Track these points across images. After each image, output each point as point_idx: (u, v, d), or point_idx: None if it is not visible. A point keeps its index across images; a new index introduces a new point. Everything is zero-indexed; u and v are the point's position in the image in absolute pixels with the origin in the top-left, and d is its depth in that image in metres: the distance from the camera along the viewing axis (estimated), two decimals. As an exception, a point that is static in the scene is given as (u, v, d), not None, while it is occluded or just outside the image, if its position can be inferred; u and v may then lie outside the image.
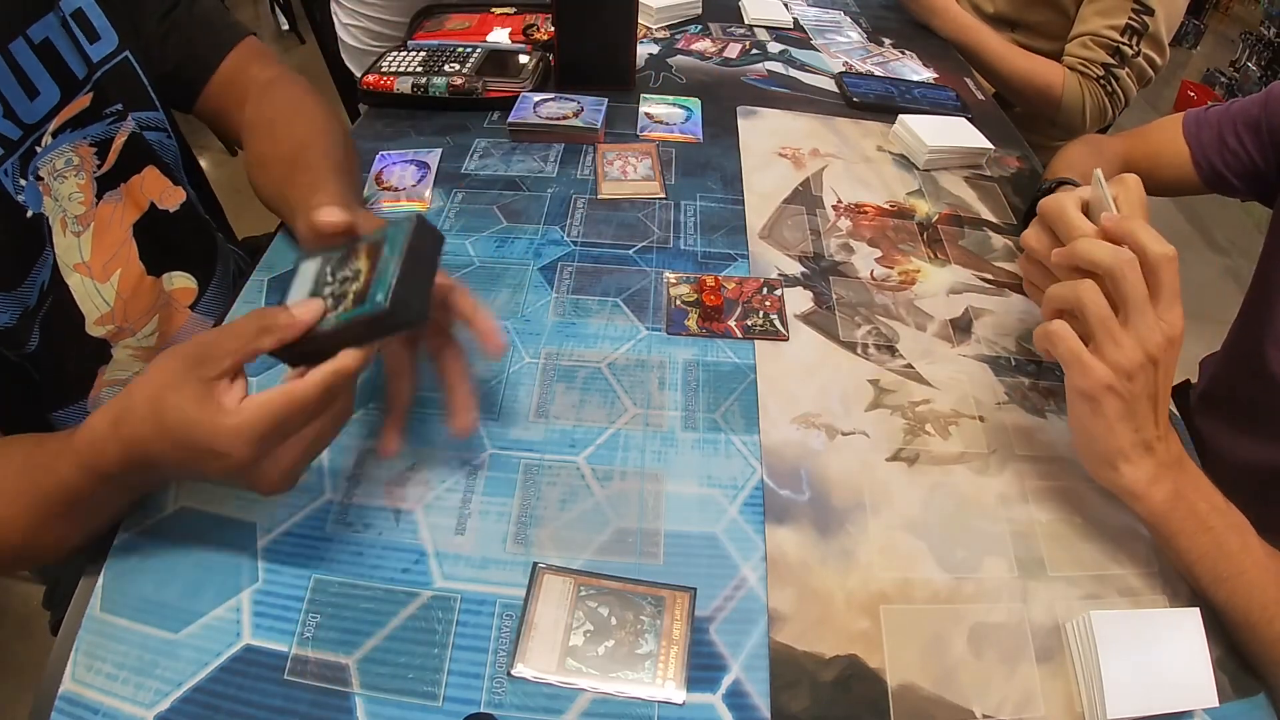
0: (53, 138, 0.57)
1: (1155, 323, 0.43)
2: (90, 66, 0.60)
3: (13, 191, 0.53)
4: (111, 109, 0.62)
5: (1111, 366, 0.43)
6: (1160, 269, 0.43)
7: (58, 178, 0.58)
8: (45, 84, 0.56)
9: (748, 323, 0.61)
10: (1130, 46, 1.05)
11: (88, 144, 0.60)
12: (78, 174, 0.59)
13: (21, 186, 0.54)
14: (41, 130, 0.56)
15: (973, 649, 0.43)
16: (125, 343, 0.64)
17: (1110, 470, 0.45)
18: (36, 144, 0.56)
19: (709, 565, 0.45)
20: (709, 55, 1.05)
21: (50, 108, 0.56)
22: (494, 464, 0.50)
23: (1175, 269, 0.43)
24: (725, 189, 0.76)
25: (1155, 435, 0.44)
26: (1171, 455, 0.45)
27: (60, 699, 0.39)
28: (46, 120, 0.56)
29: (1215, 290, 2.13)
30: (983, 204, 0.78)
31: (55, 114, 0.57)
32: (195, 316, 0.71)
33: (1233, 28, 3.51)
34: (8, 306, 0.54)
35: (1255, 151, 0.68)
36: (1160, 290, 0.43)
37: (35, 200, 0.56)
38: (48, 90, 0.56)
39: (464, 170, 0.77)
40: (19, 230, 0.54)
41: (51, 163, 0.57)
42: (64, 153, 0.58)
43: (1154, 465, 0.44)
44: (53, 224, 0.57)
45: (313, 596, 0.43)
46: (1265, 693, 0.43)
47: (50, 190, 0.57)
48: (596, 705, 0.40)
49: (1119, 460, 0.44)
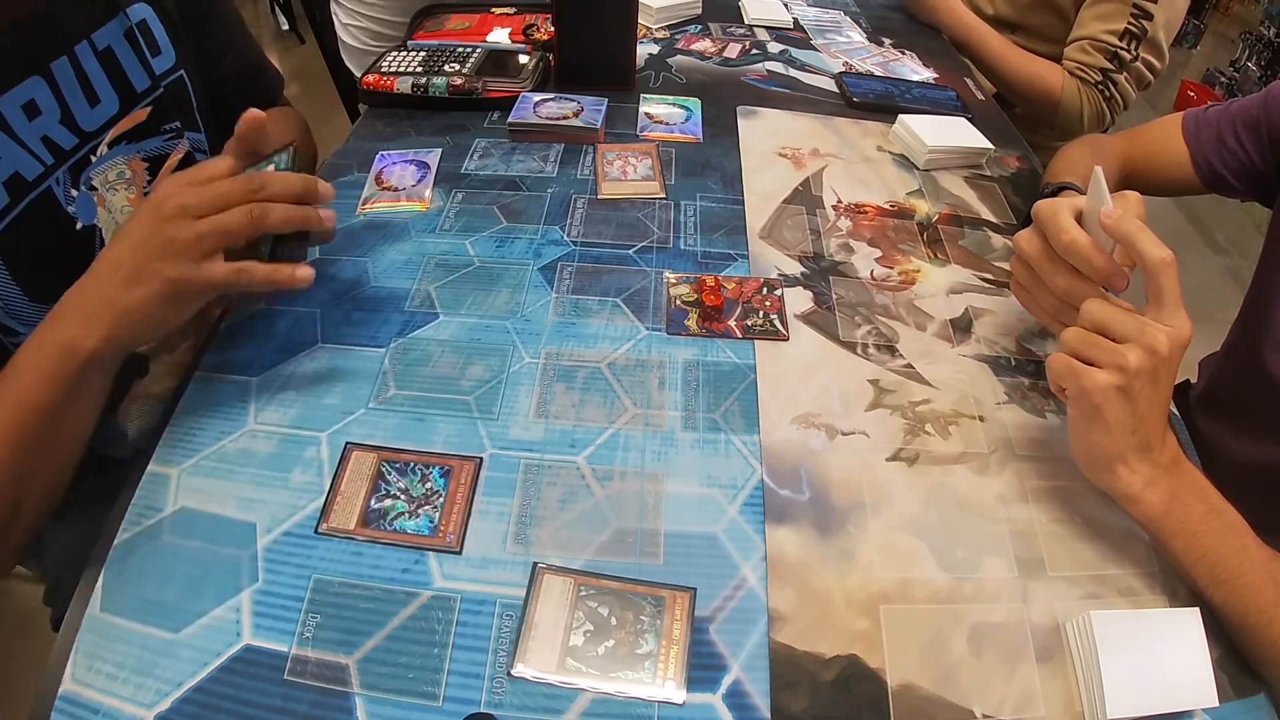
0: (108, 148, 0.57)
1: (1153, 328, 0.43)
2: (153, 79, 0.59)
3: (64, 202, 0.53)
4: (170, 125, 0.61)
5: (1112, 368, 0.43)
6: (1159, 274, 0.43)
7: (110, 189, 0.57)
8: (106, 92, 0.55)
9: (748, 323, 0.61)
10: (1128, 51, 1.05)
11: (140, 158, 0.60)
12: (129, 188, 0.59)
13: (73, 197, 0.54)
14: (98, 140, 0.56)
15: (973, 649, 0.43)
16: (162, 359, 0.64)
17: (1107, 474, 0.45)
18: (92, 153, 0.55)
19: (709, 565, 0.45)
20: (709, 55, 1.05)
21: (108, 117, 0.56)
22: (494, 464, 0.50)
23: (1174, 273, 0.43)
24: (725, 189, 0.76)
25: (1154, 438, 0.44)
26: (1168, 457, 0.45)
27: (60, 699, 0.39)
28: (103, 130, 0.56)
29: (1215, 290, 2.13)
30: (983, 204, 0.78)
31: (112, 125, 0.57)
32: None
33: (1233, 28, 3.51)
34: None
35: (1255, 152, 0.68)
36: (1161, 295, 0.43)
37: (87, 212, 0.55)
38: (108, 99, 0.56)
39: (464, 170, 0.77)
40: (67, 242, 0.54)
41: (104, 174, 0.57)
42: (117, 165, 0.58)
43: (1150, 468, 0.44)
44: (106, 237, 0.57)
45: (313, 596, 0.43)
46: (1265, 693, 0.43)
47: (104, 201, 0.57)
48: (596, 705, 0.40)
49: (1116, 464, 0.45)
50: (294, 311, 0.60)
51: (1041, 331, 0.62)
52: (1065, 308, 0.50)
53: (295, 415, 0.52)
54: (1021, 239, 0.52)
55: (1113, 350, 0.43)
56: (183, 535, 0.45)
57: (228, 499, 0.47)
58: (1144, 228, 0.44)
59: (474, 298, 0.62)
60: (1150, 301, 0.44)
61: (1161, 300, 0.43)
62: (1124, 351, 0.43)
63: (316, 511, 0.47)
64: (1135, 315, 0.44)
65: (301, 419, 0.52)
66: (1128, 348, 0.43)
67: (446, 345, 0.57)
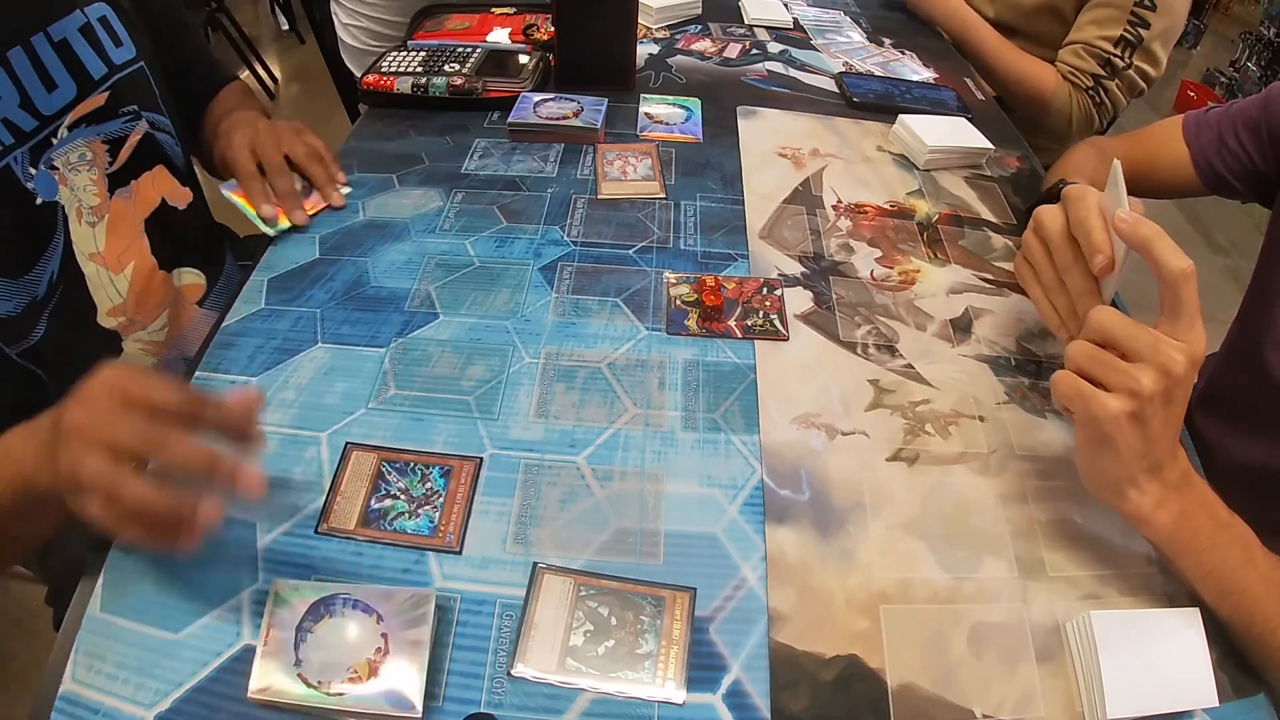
0: (68, 131, 0.59)
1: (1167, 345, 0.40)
2: (110, 68, 0.62)
3: (22, 179, 0.55)
4: (127, 109, 0.64)
5: (1124, 394, 0.40)
6: (1178, 285, 0.40)
7: (72, 170, 0.60)
8: (63, 79, 0.58)
9: (748, 323, 0.61)
10: (1122, 59, 1.05)
11: (100, 140, 0.62)
12: (90, 169, 0.61)
13: (31, 174, 0.56)
14: (57, 123, 0.58)
15: (973, 649, 0.43)
16: (136, 336, 0.65)
17: (1116, 497, 0.44)
18: (52, 136, 0.58)
19: (709, 565, 0.45)
20: (709, 55, 1.05)
21: (66, 102, 0.59)
22: (494, 464, 0.50)
23: (1194, 285, 0.40)
24: (725, 189, 0.76)
25: (1165, 458, 0.42)
26: (1178, 475, 0.43)
27: (60, 699, 0.39)
28: (62, 114, 0.59)
29: (1215, 290, 2.13)
30: (983, 204, 0.78)
31: (71, 109, 0.59)
32: (202, 312, 0.73)
33: (1233, 28, 3.51)
34: (13, 295, 0.54)
35: (1255, 153, 0.68)
36: (1179, 308, 0.40)
37: (48, 188, 0.58)
38: (65, 85, 0.59)
39: (464, 170, 0.77)
40: (27, 217, 0.56)
41: (66, 155, 0.59)
42: (78, 147, 0.60)
43: (1160, 489, 0.43)
44: (69, 212, 0.59)
45: (313, 596, 0.43)
46: (1265, 693, 0.43)
47: (66, 180, 0.59)
48: (596, 705, 0.40)
49: (1126, 487, 0.43)
50: (294, 311, 0.60)
51: (1042, 331, 0.62)
52: (1062, 290, 0.49)
53: (295, 415, 0.52)
54: (1044, 214, 0.49)
55: (1124, 372, 0.40)
56: (183, 535, 0.45)
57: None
58: (1162, 233, 0.41)
59: (474, 298, 0.62)
60: (1165, 314, 0.41)
61: (1178, 314, 0.40)
62: (1136, 375, 0.40)
63: (316, 511, 0.47)
64: (1147, 330, 0.41)
65: (301, 419, 0.52)
66: (1140, 369, 0.40)
67: (446, 345, 0.57)
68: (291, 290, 0.62)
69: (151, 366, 0.67)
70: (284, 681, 0.38)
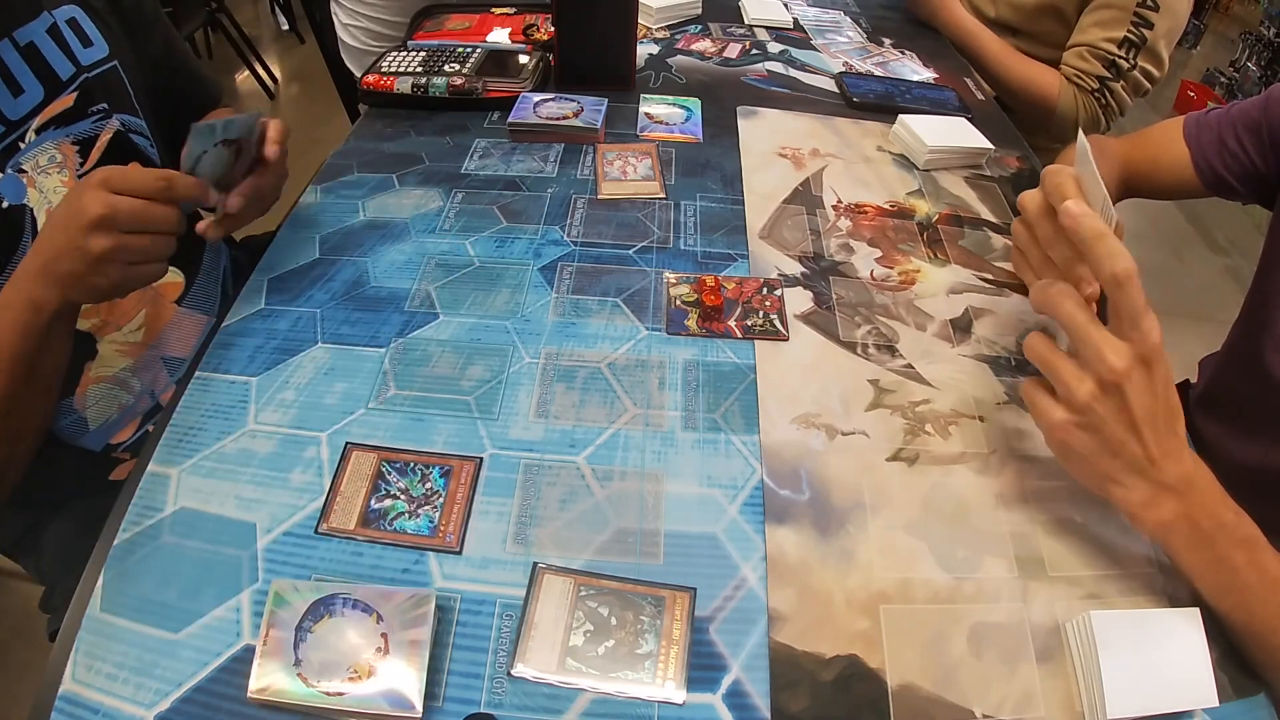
0: (36, 134, 0.58)
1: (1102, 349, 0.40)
2: (78, 69, 0.62)
3: None
4: (96, 108, 0.63)
5: (1065, 404, 0.42)
6: (1115, 289, 0.40)
7: (42, 173, 0.59)
8: (29, 83, 0.58)
9: (748, 323, 0.61)
10: (1127, 60, 1.05)
11: (70, 142, 0.61)
12: (60, 170, 0.61)
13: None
14: (25, 127, 0.58)
15: (973, 649, 0.43)
16: (111, 338, 0.65)
17: (1102, 494, 0.44)
18: (20, 140, 0.57)
19: (709, 565, 0.45)
20: (709, 55, 1.05)
21: (33, 105, 0.58)
22: (494, 464, 0.50)
23: (1134, 287, 0.39)
24: (725, 189, 0.76)
25: (1145, 457, 0.42)
26: (1176, 475, 0.42)
27: (60, 699, 0.39)
28: (30, 118, 0.58)
29: (1215, 290, 2.13)
30: (983, 204, 0.78)
31: (38, 112, 0.59)
32: (182, 310, 0.71)
33: (1233, 28, 3.51)
34: None
35: (1255, 154, 0.68)
36: (1120, 310, 0.40)
37: (15, 192, 0.57)
38: (32, 89, 0.58)
39: (464, 170, 0.77)
40: None
41: (35, 159, 0.59)
42: (47, 150, 0.60)
43: (1148, 488, 0.42)
44: (38, 215, 0.59)
45: (313, 596, 0.43)
46: (1265, 693, 0.43)
47: (35, 183, 0.59)
48: (596, 705, 0.40)
49: (1108, 484, 0.44)
50: (294, 311, 0.60)
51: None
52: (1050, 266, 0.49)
53: (295, 415, 0.52)
54: (1025, 196, 0.50)
55: (1064, 383, 0.42)
56: (183, 535, 0.45)
57: (228, 499, 0.47)
58: (1106, 232, 0.40)
59: (474, 298, 0.62)
60: (1110, 315, 0.41)
61: (1120, 315, 0.40)
62: (1075, 386, 0.41)
63: (316, 511, 0.47)
64: (1094, 331, 0.41)
65: (301, 419, 0.52)
66: (1080, 380, 0.41)
67: (446, 345, 0.58)
68: (291, 290, 0.62)
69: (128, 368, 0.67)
70: (284, 681, 0.38)
